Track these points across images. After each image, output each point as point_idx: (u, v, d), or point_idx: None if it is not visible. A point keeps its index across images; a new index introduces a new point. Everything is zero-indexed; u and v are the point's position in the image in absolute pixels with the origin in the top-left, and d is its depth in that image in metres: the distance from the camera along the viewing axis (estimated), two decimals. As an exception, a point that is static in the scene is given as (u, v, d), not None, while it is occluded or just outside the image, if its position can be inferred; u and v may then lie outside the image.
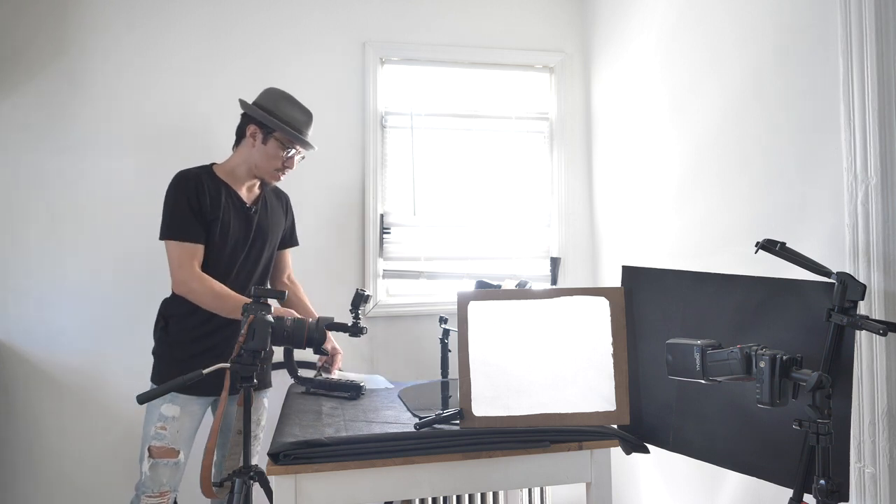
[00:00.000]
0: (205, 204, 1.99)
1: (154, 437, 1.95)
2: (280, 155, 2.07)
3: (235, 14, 2.78)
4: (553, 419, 1.67)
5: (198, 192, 1.99)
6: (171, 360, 2.01)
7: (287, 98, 2.12)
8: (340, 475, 1.59)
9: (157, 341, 2.06)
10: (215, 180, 2.06)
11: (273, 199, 2.25)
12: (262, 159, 2.07)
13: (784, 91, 1.82)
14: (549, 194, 3.09)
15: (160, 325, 2.05)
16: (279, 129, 2.04)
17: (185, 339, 2.01)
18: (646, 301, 1.73)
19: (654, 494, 2.51)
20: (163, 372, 2.01)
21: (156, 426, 1.96)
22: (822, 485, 1.21)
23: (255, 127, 2.06)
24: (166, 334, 2.03)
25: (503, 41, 3.02)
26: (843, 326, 1.36)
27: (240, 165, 2.10)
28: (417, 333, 2.87)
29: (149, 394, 1.60)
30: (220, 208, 2.02)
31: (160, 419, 1.96)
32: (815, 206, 1.71)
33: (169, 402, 1.96)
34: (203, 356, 1.98)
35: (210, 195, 2.01)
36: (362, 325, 1.84)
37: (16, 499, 2.54)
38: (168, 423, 1.96)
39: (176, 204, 1.98)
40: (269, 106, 2.07)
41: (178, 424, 1.97)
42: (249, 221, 2.11)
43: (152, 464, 1.94)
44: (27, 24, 2.61)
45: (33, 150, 2.60)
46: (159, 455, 1.94)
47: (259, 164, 2.08)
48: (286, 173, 2.13)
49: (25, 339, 2.57)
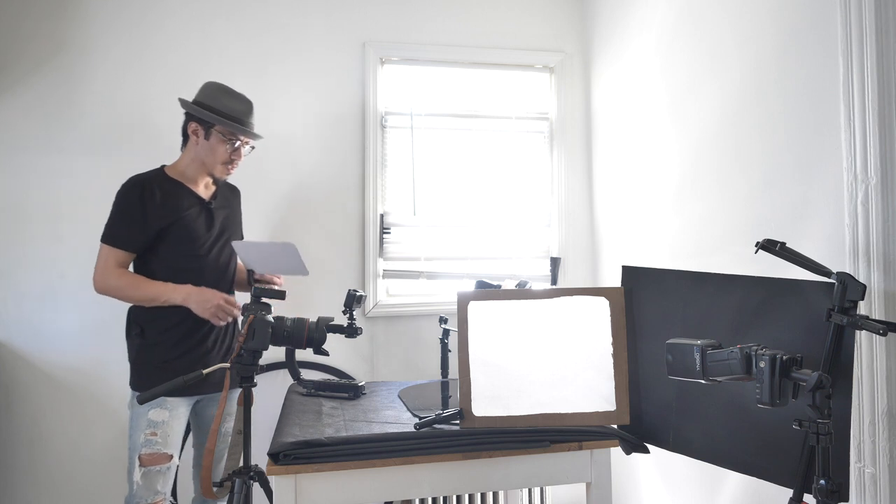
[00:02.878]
0: (151, 212, 1.96)
1: (144, 445, 1.91)
2: (224, 148, 2.04)
3: (236, 14, 2.78)
4: (553, 419, 1.67)
5: (144, 198, 1.96)
6: (152, 364, 1.97)
7: (224, 90, 2.08)
8: (340, 475, 1.59)
9: (134, 348, 2.01)
10: (169, 182, 2.04)
11: (227, 193, 2.23)
12: (207, 155, 2.04)
13: (784, 91, 1.82)
14: (549, 194, 3.09)
15: (135, 332, 2.00)
16: (217, 122, 2.01)
17: (166, 342, 1.98)
18: (646, 301, 1.73)
19: (654, 494, 2.51)
20: (145, 377, 1.97)
21: (145, 433, 1.92)
22: (822, 485, 1.21)
23: (196, 124, 2.03)
24: (143, 339, 1.99)
25: (503, 41, 3.02)
26: (843, 326, 1.36)
27: (189, 165, 2.07)
28: (417, 333, 2.87)
29: (149, 394, 1.60)
30: (179, 209, 2.00)
31: (149, 426, 1.92)
32: (814, 206, 1.71)
33: (157, 407, 1.93)
34: (185, 357, 1.98)
35: (163, 199, 1.98)
36: (357, 326, 1.83)
37: (16, 499, 2.54)
38: (158, 429, 1.92)
39: (120, 211, 1.97)
40: (207, 101, 2.04)
41: (167, 428, 1.94)
42: (212, 217, 2.09)
43: (144, 472, 1.90)
44: (26, 24, 2.61)
45: (33, 150, 2.60)
46: (151, 462, 1.90)
47: (205, 161, 2.05)
48: (235, 166, 2.10)
49: (25, 339, 2.57)
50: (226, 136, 2.04)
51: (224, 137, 2.04)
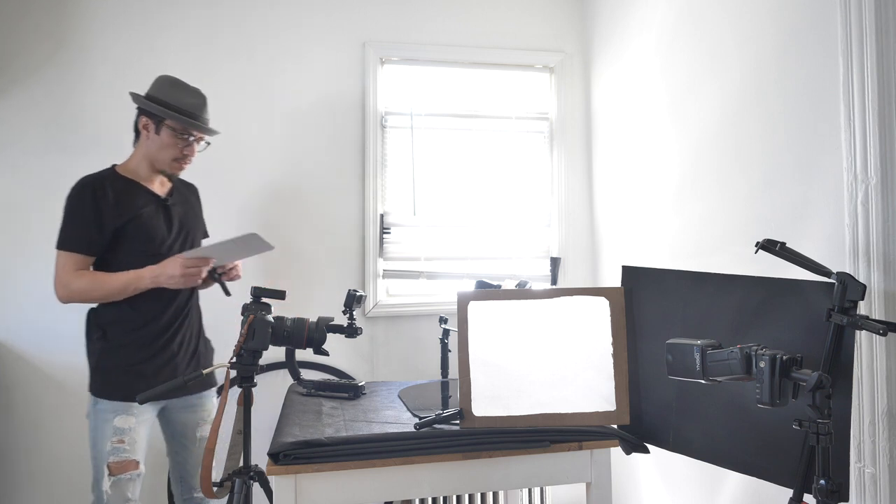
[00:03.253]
0: (105, 211, 1.89)
1: (111, 453, 1.86)
2: (176, 143, 1.97)
3: (236, 14, 2.78)
4: (553, 419, 1.67)
5: (96, 198, 1.89)
6: (117, 369, 1.91)
7: (176, 83, 2.01)
8: (340, 475, 1.59)
9: (96, 352, 1.94)
10: (121, 180, 1.97)
11: (184, 189, 2.17)
12: (158, 150, 1.97)
13: (784, 91, 1.82)
14: (549, 194, 3.09)
15: (96, 335, 1.93)
16: (168, 116, 1.94)
17: (130, 345, 1.93)
18: (646, 301, 1.73)
19: (654, 494, 2.51)
20: (108, 382, 1.91)
21: (112, 441, 1.86)
22: (822, 485, 1.21)
23: (146, 118, 1.96)
24: (106, 342, 1.92)
25: (503, 41, 3.02)
26: (843, 326, 1.36)
27: (141, 162, 2.00)
28: (417, 333, 2.87)
29: (150, 394, 1.60)
30: (134, 207, 1.93)
31: (116, 433, 1.87)
32: (814, 206, 1.71)
33: (123, 414, 1.88)
34: (151, 361, 1.94)
35: (116, 198, 1.92)
36: (357, 326, 1.83)
37: (16, 499, 2.54)
38: (125, 435, 1.87)
39: (72, 214, 1.90)
40: (159, 94, 1.97)
41: (135, 435, 1.89)
42: (169, 214, 2.03)
43: (114, 481, 1.85)
44: (26, 24, 2.61)
45: (33, 150, 2.60)
46: (120, 470, 1.85)
47: (157, 157, 1.98)
48: (188, 162, 2.02)
49: (25, 339, 2.57)
50: (177, 130, 1.96)
51: (175, 132, 1.96)
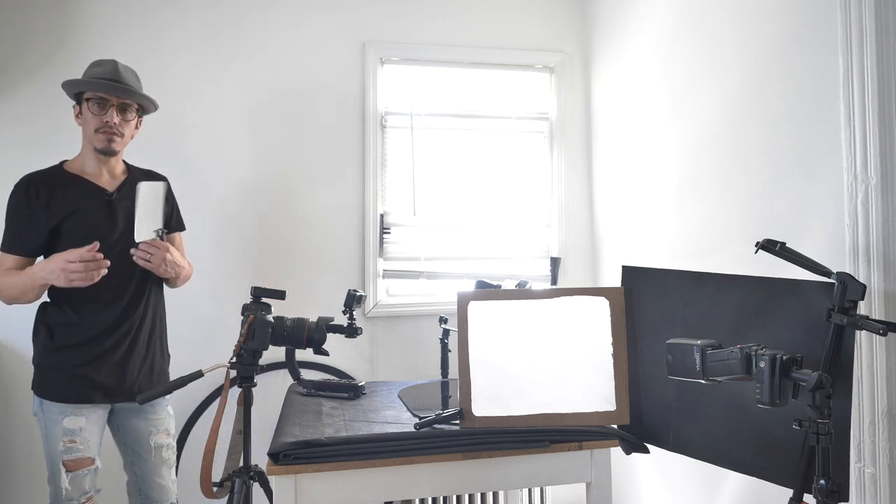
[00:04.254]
0: (38, 211, 1.87)
1: (64, 452, 1.85)
2: (98, 116, 1.91)
3: (236, 14, 2.78)
4: (553, 419, 1.67)
5: (29, 197, 1.88)
6: (60, 370, 1.90)
7: (93, 63, 1.98)
8: (340, 475, 1.59)
9: (39, 351, 1.93)
10: (63, 176, 1.94)
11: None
12: (85, 129, 1.94)
13: (784, 91, 1.82)
14: (549, 194, 3.09)
15: (42, 333, 1.92)
16: (76, 86, 1.91)
17: (74, 347, 1.90)
18: (646, 301, 1.73)
19: (654, 494, 2.51)
20: (52, 383, 1.89)
21: (63, 441, 1.85)
22: (822, 485, 1.21)
23: (75, 105, 1.96)
24: (52, 342, 1.90)
25: (503, 41, 3.02)
26: (843, 326, 1.36)
27: (86, 155, 1.97)
28: (417, 333, 2.87)
29: (150, 394, 1.61)
30: (69, 205, 1.89)
31: (66, 434, 1.85)
32: (814, 206, 1.71)
33: (71, 416, 1.87)
34: (96, 365, 1.91)
35: (50, 195, 1.88)
36: (357, 326, 1.83)
37: (16, 499, 2.54)
38: (77, 436, 1.87)
39: (8, 213, 1.90)
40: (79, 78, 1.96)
41: (86, 434, 1.88)
42: (112, 209, 1.96)
43: (72, 477, 1.85)
44: (26, 24, 2.61)
45: (33, 150, 2.59)
46: (76, 467, 1.86)
47: (87, 136, 1.94)
48: (114, 133, 1.93)
49: (25, 339, 2.56)
50: (92, 100, 1.91)
51: (92, 104, 1.91)
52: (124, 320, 1.96)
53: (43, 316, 1.94)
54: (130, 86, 1.96)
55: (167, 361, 2.16)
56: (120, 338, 1.95)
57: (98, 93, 1.91)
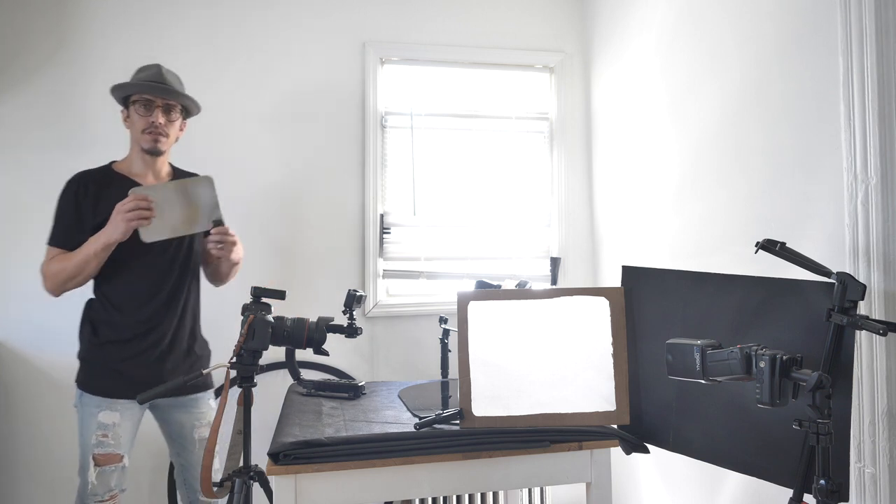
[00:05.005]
0: (85, 209, 1.94)
1: (96, 446, 1.90)
2: (144, 117, 1.98)
3: (236, 14, 2.78)
4: (553, 419, 1.67)
5: (77, 195, 1.95)
6: (101, 365, 1.96)
7: (139, 69, 2.05)
8: (340, 475, 1.59)
9: (84, 346, 2.00)
10: (111, 176, 2.01)
11: None
12: (133, 132, 2.02)
13: (784, 91, 1.82)
14: (549, 194, 3.09)
15: (87, 329, 1.99)
16: (126, 90, 1.99)
17: (116, 343, 1.96)
18: (646, 301, 1.73)
19: (654, 494, 2.51)
20: (93, 377, 1.96)
21: (96, 434, 1.90)
22: (822, 485, 1.21)
23: (122, 108, 2.03)
24: (96, 338, 1.97)
25: (503, 41, 3.02)
26: (843, 326, 1.36)
27: (133, 155, 2.04)
28: (417, 333, 2.87)
29: (149, 394, 1.60)
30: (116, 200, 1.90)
31: (100, 427, 1.91)
32: (814, 206, 1.71)
33: (107, 410, 1.91)
34: (136, 361, 1.95)
35: (98, 193, 1.95)
36: (357, 326, 1.83)
37: (16, 499, 2.54)
38: (109, 430, 1.91)
39: (58, 211, 1.97)
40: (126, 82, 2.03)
41: (119, 430, 1.92)
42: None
43: (99, 471, 1.90)
44: (26, 23, 2.61)
45: (33, 149, 2.60)
46: (105, 462, 1.90)
47: (134, 138, 2.02)
48: (160, 133, 1.99)
49: (25, 339, 2.57)
50: (139, 102, 1.98)
51: (138, 106, 1.98)
52: (164, 317, 2.01)
53: (88, 311, 2.01)
54: (173, 87, 2.02)
55: (208, 358, 2.18)
56: (159, 335, 2.00)
57: (144, 94, 1.98)
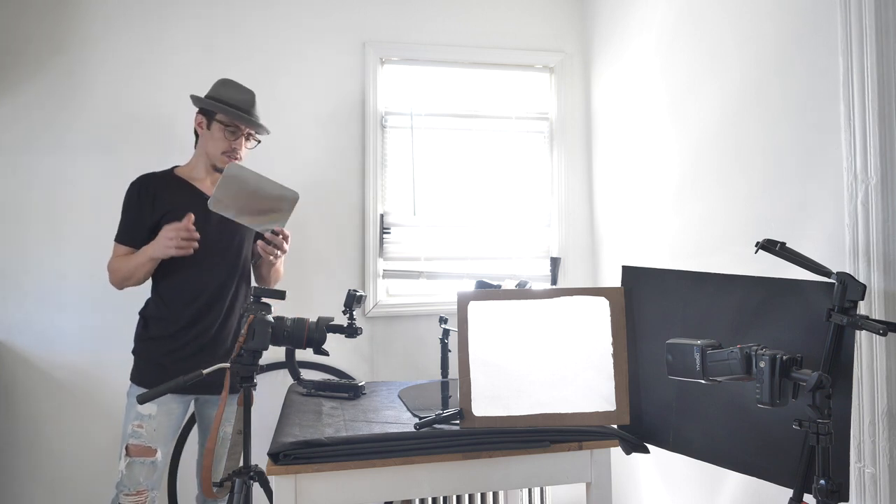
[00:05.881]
0: (145, 207, 2.01)
1: (131, 436, 1.94)
2: (226, 138, 2.06)
3: (236, 15, 2.78)
4: (553, 419, 1.67)
5: (140, 194, 2.03)
6: (148, 358, 2.03)
7: (228, 83, 2.12)
8: (340, 475, 1.59)
9: (136, 341, 2.07)
10: (172, 179, 2.09)
11: None
12: (209, 145, 2.08)
13: (784, 91, 1.82)
14: (549, 194, 3.09)
15: (140, 325, 2.07)
16: (217, 109, 2.04)
17: (164, 338, 2.02)
18: (646, 301, 1.73)
19: (654, 494, 2.51)
20: (142, 369, 2.02)
21: (133, 424, 1.94)
22: (822, 485, 1.21)
23: (201, 116, 2.08)
24: (145, 332, 2.05)
25: (503, 41, 3.02)
26: (843, 326, 1.36)
27: (198, 162, 2.12)
28: (417, 333, 2.87)
29: (149, 394, 1.60)
30: (171, 203, 2.02)
31: (137, 417, 1.95)
32: (815, 206, 1.71)
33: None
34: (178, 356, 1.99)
35: (158, 194, 2.03)
36: (357, 326, 1.83)
37: (16, 499, 2.54)
38: (144, 421, 1.94)
39: (123, 207, 2.06)
40: (211, 93, 2.10)
41: (154, 423, 1.95)
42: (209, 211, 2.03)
43: (129, 462, 1.92)
44: (26, 24, 2.61)
45: (33, 150, 2.60)
46: (136, 454, 1.93)
47: (209, 152, 2.08)
48: (238, 157, 2.09)
49: (25, 339, 2.57)
50: (226, 124, 2.06)
51: (224, 126, 2.06)
52: (206, 314, 2.05)
53: (144, 308, 2.09)
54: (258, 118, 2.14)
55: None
56: (202, 331, 2.04)
57: (239, 123, 2.08)
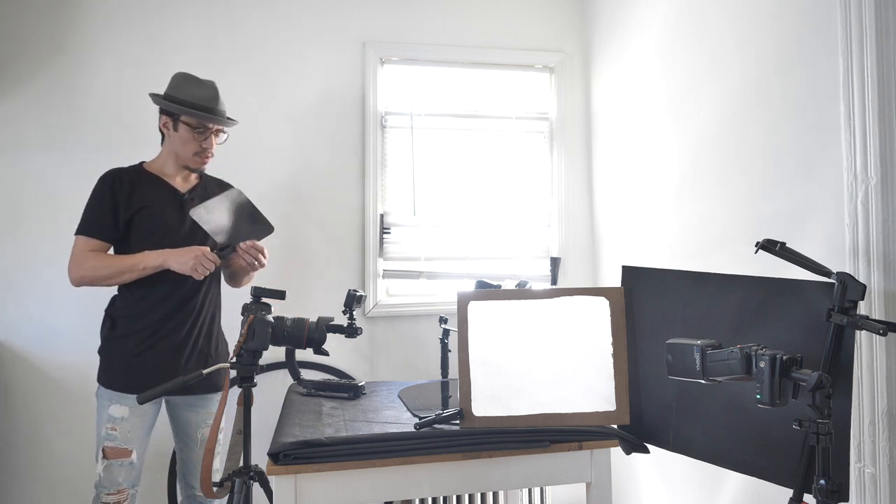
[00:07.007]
0: (119, 201, 1.97)
1: (106, 438, 1.92)
2: (194, 138, 2.01)
3: (236, 15, 2.78)
4: (553, 419, 1.67)
5: (113, 188, 1.97)
6: (116, 359, 1.98)
7: (188, 79, 2.04)
8: (340, 475, 1.59)
9: (102, 340, 2.02)
10: (145, 175, 2.04)
11: (215, 188, 2.15)
12: (179, 147, 2.03)
13: (784, 91, 1.82)
14: (549, 194, 3.09)
15: (107, 324, 2.02)
16: (182, 112, 1.98)
17: (133, 337, 1.97)
18: (646, 301, 1.73)
19: (654, 494, 2.51)
20: (107, 371, 1.98)
21: (106, 427, 1.92)
22: (822, 485, 1.21)
23: (165, 117, 2.02)
24: (113, 332, 2.00)
25: (503, 41, 3.02)
26: (843, 326, 1.36)
27: (167, 160, 2.07)
28: (417, 333, 2.87)
29: (148, 394, 1.60)
30: (146, 199, 1.99)
31: (109, 420, 1.92)
32: (815, 206, 1.71)
33: (117, 403, 1.93)
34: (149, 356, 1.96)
35: (132, 189, 1.99)
36: (357, 326, 1.83)
37: (16, 498, 2.54)
38: (118, 424, 1.92)
39: (91, 201, 1.99)
40: (173, 92, 2.02)
41: (128, 425, 1.93)
42: (183, 209, 2.03)
43: (106, 465, 1.91)
44: (26, 24, 2.61)
45: (33, 149, 2.60)
46: (113, 456, 1.91)
47: (179, 153, 2.04)
48: (208, 155, 2.06)
49: (25, 339, 2.57)
50: (193, 125, 2.00)
51: (192, 128, 2.00)
52: (176, 314, 2.01)
53: (111, 308, 2.04)
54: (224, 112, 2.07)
55: (224, 358, 2.16)
56: (170, 331, 2.00)
57: (207, 123, 2.02)
